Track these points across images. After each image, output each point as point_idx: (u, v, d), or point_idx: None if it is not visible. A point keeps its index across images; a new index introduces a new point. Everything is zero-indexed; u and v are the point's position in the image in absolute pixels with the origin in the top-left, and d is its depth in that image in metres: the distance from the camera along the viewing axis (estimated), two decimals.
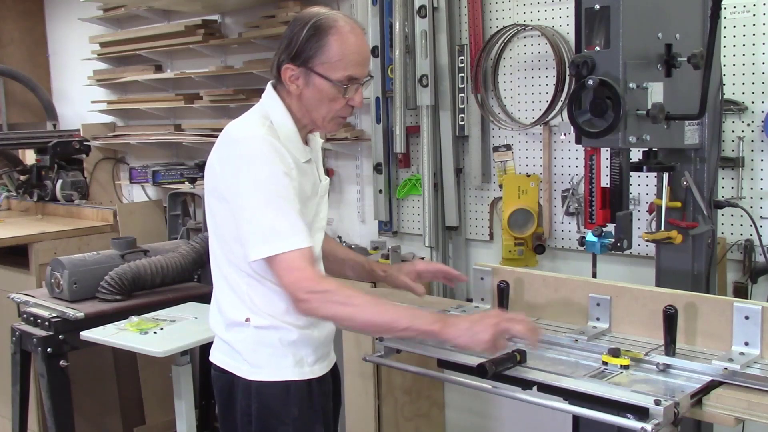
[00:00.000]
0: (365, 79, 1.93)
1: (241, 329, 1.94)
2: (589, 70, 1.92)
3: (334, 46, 1.85)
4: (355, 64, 1.88)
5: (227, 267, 1.94)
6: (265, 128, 1.87)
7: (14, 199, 5.02)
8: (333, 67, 1.86)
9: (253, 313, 1.92)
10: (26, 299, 3.17)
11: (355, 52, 1.87)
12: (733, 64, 2.64)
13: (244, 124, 1.90)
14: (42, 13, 5.87)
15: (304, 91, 1.89)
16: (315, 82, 1.87)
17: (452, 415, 3.55)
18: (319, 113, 1.92)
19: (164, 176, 4.55)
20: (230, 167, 1.85)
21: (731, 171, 2.68)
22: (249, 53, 4.23)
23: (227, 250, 1.92)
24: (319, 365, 2.00)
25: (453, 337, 1.78)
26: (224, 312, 1.98)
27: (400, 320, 1.79)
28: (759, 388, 1.71)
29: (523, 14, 3.17)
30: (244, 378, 1.94)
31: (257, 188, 1.80)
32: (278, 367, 1.93)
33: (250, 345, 1.93)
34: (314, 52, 1.85)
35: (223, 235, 1.92)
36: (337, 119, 1.95)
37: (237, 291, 1.93)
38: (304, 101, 1.91)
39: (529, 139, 3.22)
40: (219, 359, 2.01)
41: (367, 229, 3.84)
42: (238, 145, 1.85)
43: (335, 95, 1.88)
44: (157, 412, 4.10)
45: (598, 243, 2.09)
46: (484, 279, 2.35)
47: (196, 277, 3.43)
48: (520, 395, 1.81)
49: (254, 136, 1.84)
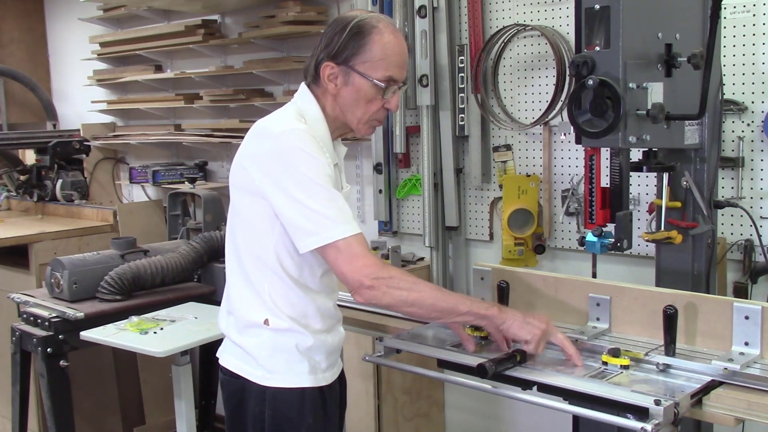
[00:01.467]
0: (402, 83, 1.93)
1: (258, 332, 1.90)
2: (589, 70, 1.92)
3: (376, 46, 1.85)
4: (396, 66, 1.88)
5: (250, 265, 1.90)
6: (303, 124, 1.86)
7: (14, 199, 5.02)
8: (374, 66, 1.86)
9: (273, 314, 1.89)
10: (26, 299, 3.17)
11: (396, 53, 1.88)
12: (733, 64, 2.64)
13: (281, 119, 1.89)
14: (42, 13, 5.88)
15: (341, 91, 1.89)
16: (355, 81, 1.87)
17: (452, 415, 3.55)
18: (354, 115, 1.91)
19: (164, 176, 4.55)
20: (269, 161, 1.81)
21: (731, 171, 2.68)
22: (249, 53, 4.24)
23: (254, 245, 1.89)
24: (331, 372, 1.99)
25: (509, 322, 1.88)
26: (240, 313, 1.94)
27: (461, 305, 1.86)
28: (759, 388, 1.71)
29: (523, 14, 3.17)
30: (259, 384, 1.90)
31: (305, 178, 1.78)
32: (294, 374, 1.90)
33: (266, 350, 1.90)
34: (356, 50, 1.86)
35: (251, 230, 1.89)
36: (372, 122, 1.94)
37: (258, 290, 1.89)
38: (341, 101, 1.90)
39: (529, 139, 3.22)
40: (231, 363, 1.97)
41: (367, 229, 3.84)
42: (279, 138, 1.81)
43: (373, 96, 1.88)
44: (157, 412, 4.11)
45: (598, 243, 2.09)
46: (484, 279, 2.35)
47: (196, 277, 3.43)
48: (520, 395, 1.81)
49: (295, 129, 1.83)
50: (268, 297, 1.89)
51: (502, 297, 2.16)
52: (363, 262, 1.77)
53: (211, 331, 2.66)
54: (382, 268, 1.78)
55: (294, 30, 3.74)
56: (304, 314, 1.90)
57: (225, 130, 4.22)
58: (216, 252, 3.32)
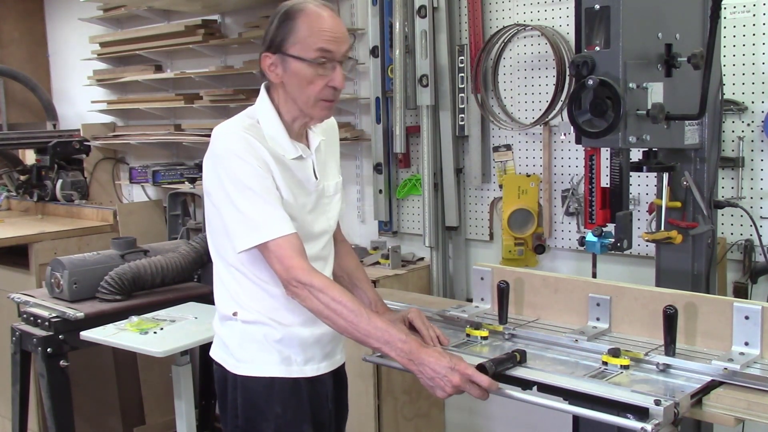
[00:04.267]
0: (343, 59, 1.92)
1: (231, 323, 1.99)
2: (589, 70, 1.92)
3: (303, 26, 1.87)
4: (327, 40, 1.87)
5: (218, 261, 2.00)
6: (244, 126, 1.91)
7: (14, 199, 5.02)
8: (304, 46, 1.87)
9: (240, 307, 1.96)
10: (26, 299, 3.17)
11: (324, 28, 1.87)
12: (733, 64, 2.64)
13: (227, 123, 1.95)
14: (42, 13, 5.88)
15: (284, 79, 1.91)
16: (291, 65, 1.89)
17: (452, 415, 3.56)
18: (301, 99, 1.92)
19: (164, 176, 4.54)
20: (210, 164, 1.92)
21: (731, 171, 2.68)
22: (249, 53, 4.24)
23: (217, 244, 1.98)
24: (312, 366, 2.00)
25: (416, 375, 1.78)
26: (217, 307, 2.04)
27: (372, 341, 1.80)
28: (759, 388, 1.71)
29: (523, 14, 3.17)
30: (231, 371, 1.98)
31: (232, 182, 1.85)
32: (263, 363, 1.96)
33: (237, 339, 1.98)
34: (285, 35, 1.88)
35: (212, 230, 1.98)
36: (321, 103, 1.93)
37: (226, 285, 1.99)
38: (288, 89, 1.93)
39: (529, 139, 3.22)
40: (214, 352, 2.07)
41: (367, 229, 3.84)
42: (215, 142, 1.91)
43: (313, 76, 1.88)
44: (157, 412, 4.11)
45: (598, 243, 2.09)
46: (484, 279, 2.35)
47: (196, 277, 3.43)
48: (520, 395, 1.81)
49: (228, 133, 1.90)
50: (234, 291, 1.97)
51: (502, 297, 2.16)
52: (290, 264, 1.83)
53: (211, 331, 2.63)
54: (306, 274, 1.82)
55: None
56: (272, 308, 1.95)
57: None
58: None
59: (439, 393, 1.75)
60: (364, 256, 3.55)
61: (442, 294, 3.43)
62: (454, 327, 2.23)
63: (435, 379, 1.74)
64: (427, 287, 3.48)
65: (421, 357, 1.76)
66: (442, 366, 1.74)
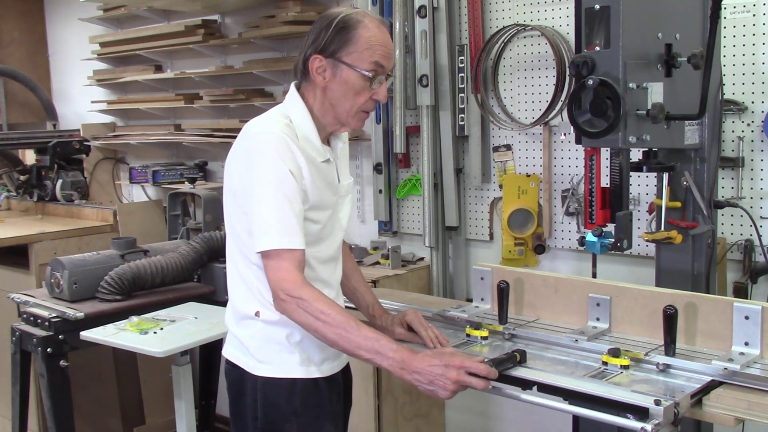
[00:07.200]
0: (390, 75, 1.97)
1: (251, 324, 1.97)
2: (589, 70, 1.93)
3: (361, 39, 1.90)
4: (382, 55, 1.92)
5: (240, 260, 1.97)
6: (282, 125, 1.90)
7: (14, 199, 5.02)
8: (360, 57, 1.90)
9: (264, 307, 1.94)
10: (26, 299, 3.17)
11: (381, 44, 1.92)
12: (733, 64, 2.64)
13: (262, 121, 1.94)
14: (42, 13, 5.87)
15: (330, 84, 1.93)
16: (342, 73, 1.91)
17: (452, 415, 3.55)
18: (343, 107, 1.94)
19: (164, 176, 4.55)
20: (243, 162, 1.90)
21: (731, 171, 2.68)
22: (249, 53, 4.23)
23: (240, 242, 1.96)
24: (328, 365, 2.01)
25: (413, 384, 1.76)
26: (235, 305, 2.01)
27: (362, 352, 1.79)
28: (759, 388, 1.71)
29: (523, 14, 3.17)
30: (252, 373, 1.96)
31: (262, 182, 1.85)
32: (284, 364, 1.95)
33: (257, 341, 1.96)
34: (342, 43, 1.90)
35: (236, 228, 1.96)
36: (361, 114, 1.97)
37: (248, 284, 1.96)
38: (330, 95, 1.94)
39: (529, 139, 3.22)
40: (230, 353, 2.04)
41: (367, 229, 3.84)
42: (252, 140, 1.90)
43: (361, 87, 1.92)
44: (157, 412, 4.11)
45: (598, 243, 2.09)
46: (484, 279, 2.35)
47: (196, 277, 3.43)
48: (520, 395, 1.81)
49: (267, 132, 1.88)
50: (256, 290, 1.95)
51: (502, 297, 2.16)
52: (283, 276, 1.82)
53: (211, 331, 2.66)
54: (298, 288, 1.82)
55: (294, 30, 3.74)
56: None
57: (225, 130, 4.22)
58: (216, 252, 3.32)
59: (441, 394, 1.74)
60: (364, 256, 3.55)
61: (442, 294, 3.43)
62: (454, 327, 2.23)
63: (433, 381, 1.74)
64: (427, 287, 3.48)
65: (413, 364, 1.75)
66: (436, 366, 1.73)
